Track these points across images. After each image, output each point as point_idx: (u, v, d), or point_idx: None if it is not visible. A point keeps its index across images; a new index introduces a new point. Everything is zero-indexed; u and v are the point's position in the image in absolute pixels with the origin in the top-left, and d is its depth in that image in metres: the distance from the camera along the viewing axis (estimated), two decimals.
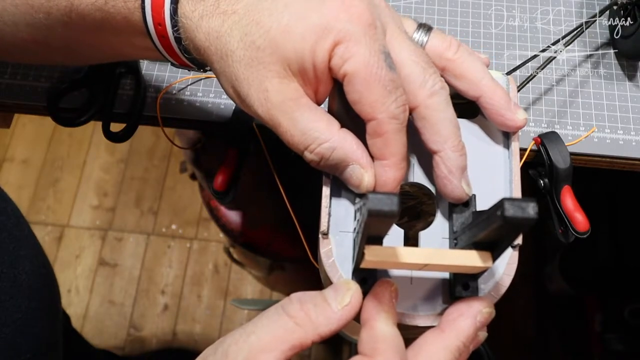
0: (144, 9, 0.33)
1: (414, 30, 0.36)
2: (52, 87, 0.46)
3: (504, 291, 0.33)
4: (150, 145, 1.33)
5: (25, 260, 0.48)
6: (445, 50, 0.35)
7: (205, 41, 0.32)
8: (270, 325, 0.29)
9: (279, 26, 0.30)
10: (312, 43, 0.30)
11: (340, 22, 0.30)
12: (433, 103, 0.32)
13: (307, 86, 0.32)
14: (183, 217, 1.28)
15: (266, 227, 0.82)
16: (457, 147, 0.33)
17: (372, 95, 0.30)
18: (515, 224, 0.25)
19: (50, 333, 0.51)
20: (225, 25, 0.31)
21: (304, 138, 0.31)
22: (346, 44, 0.30)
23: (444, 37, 0.36)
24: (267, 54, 0.30)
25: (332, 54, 0.30)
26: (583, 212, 0.41)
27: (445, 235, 0.35)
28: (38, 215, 1.27)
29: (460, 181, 0.33)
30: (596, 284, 1.03)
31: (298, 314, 0.29)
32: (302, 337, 0.29)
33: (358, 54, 0.30)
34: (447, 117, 0.32)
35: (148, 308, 1.19)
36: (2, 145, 1.34)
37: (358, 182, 0.32)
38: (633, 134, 0.45)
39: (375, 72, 0.30)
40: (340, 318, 0.29)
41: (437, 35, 0.36)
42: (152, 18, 0.33)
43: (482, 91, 0.35)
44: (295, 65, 0.31)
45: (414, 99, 0.32)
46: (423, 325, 0.33)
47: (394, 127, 0.31)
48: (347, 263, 0.34)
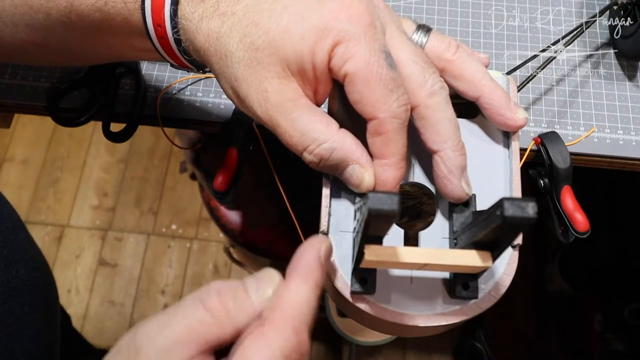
0: (144, 10, 0.33)
1: (413, 31, 0.36)
2: (52, 87, 0.46)
3: (504, 291, 0.33)
4: (150, 145, 1.33)
5: (20, 264, 0.47)
6: (444, 51, 0.35)
7: (205, 42, 0.32)
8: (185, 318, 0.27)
9: (278, 27, 0.30)
10: (312, 44, 0.30)
11: (339, 22, 0.30)
12: (433, 103, 0.32)
13: (306, 87, 0.32)
14: (183, 217, 1.28)
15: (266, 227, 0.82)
16: (457, 147, 0.33)
17: (373, 95, 0.30)
18: (514, 223, 0.25)
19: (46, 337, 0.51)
20: (225, 26, 0.31)
21: (302, 139, 0.31)
22: (346, 44, 0.30)
23: (443, 38, 0.36)
24: (266, 54, 0.30)
25: (332, 55, 0.30)
26: (583, 212, 0.41)
27: (445, 235, 0.35)
28: (38, 215, 1.27)
29: (460, 181, 0.33)
30: (596, 284, 1.03)
31: (215, 306, 0.27)
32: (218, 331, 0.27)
33: (358, 53, 0.30)
34: (446, 117, 0.32)
35: (148, 308, 1.19)
36: (2, 145, 1.34)
37: (358, 181, 0.32)
38: (633, 134, 0.45)
39: (376, 71, 0.30)
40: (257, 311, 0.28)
41: (436, 36, 0.36)
42: (152, 19, 0.33)
43: (482, 91, 0.35)
44: (294, 66, 0.31)
45: (414, 99, 0.32)
46: (423, 325, 0.33)
47: (395, 127, 0.31)
48: (347, 263, 0.34)
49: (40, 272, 0.51)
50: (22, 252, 0.49)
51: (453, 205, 0.35)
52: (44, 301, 0.51)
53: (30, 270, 0.49)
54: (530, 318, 1.15)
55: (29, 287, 0.48)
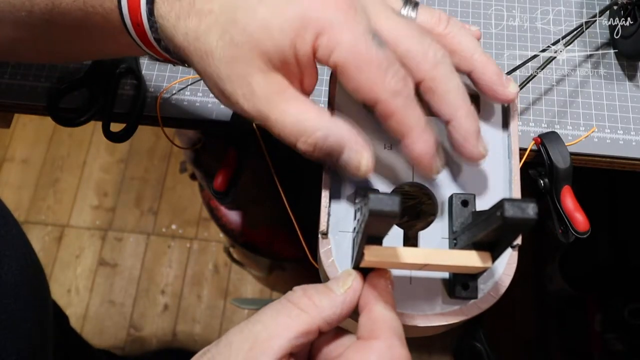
0: (121, 10, 0.33)
1: (401, 7, 0.35)
2: (52, 87, 0.46)
3: (503, 291, 0.33)
4: (150, 145, 1.33)
5: (11, 260, 0.47)
6: (435, 25, 0.34)
7: (184, 41, 0.32)
8: (275, 315, 0.29)
9: (255, 22, 0.30)
10: (292, 37, 0.29)
11: (317, 11, 0.29)
12: (438, 74, 0.31)
13: (291, 78, 0.31)
14: (183, 217, 1.27)
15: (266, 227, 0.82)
16: (469, 113, 0.32)
17: (368, 79, 0.30)
18: (514, 224, 0.25)
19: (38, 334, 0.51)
20: (203, 25, 0.31)
21: (295, 129, 0.31)
22: (328, 34, 0.29)
23: (432, 11, 0.35)
24: (246, 50, 0.30)
25: (315, 47, 0.30)
26: (583, 212, 0.41)
27: (444, 235, 0.35)
28: (38, 215, 1.27)
29: (477, 145, 0.33)
30: (596, 284, 1.03)
31: (301, 300, 0.29)
32: (307, 322, 0.29)
33: (343, 41, 0.29)
34: (454, 86, 0.32)
35: (148, 308, 1.19)
36: (2, 145, 1.34)
37: (357, 165, 0.31)
38: (633, 134, 0.45)
39: (364, 55, 0.29)
40: (343, 301, 0.30)
41: (425, 10, 0.35)
42: (130, 19, 0.33)
43: (474, 66, 0.35)
44: (276, 60, 0.30)
45: (418, 73, 0.31)
46: (422, 325, 0.33)
47: (401, 103, 0.30)
48: (347, 263, 0.34)
49: (32, 270, 0.51)
50: (13, 248, 0.48)
51: (452, 205, 0.35)
52: (36, 299, 0.51)
53: (22, 267, 0.48)
54: (530, 318, 1.15)
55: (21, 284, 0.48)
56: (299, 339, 0.28)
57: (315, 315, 0.29)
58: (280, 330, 0.28)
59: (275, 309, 0.29)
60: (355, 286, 0.30)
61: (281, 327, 0.28)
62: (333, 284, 0.30)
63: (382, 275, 0.31)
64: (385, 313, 0.30)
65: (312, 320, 0.29)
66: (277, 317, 0.29)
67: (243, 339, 0.28)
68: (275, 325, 0.28)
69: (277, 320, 0.29)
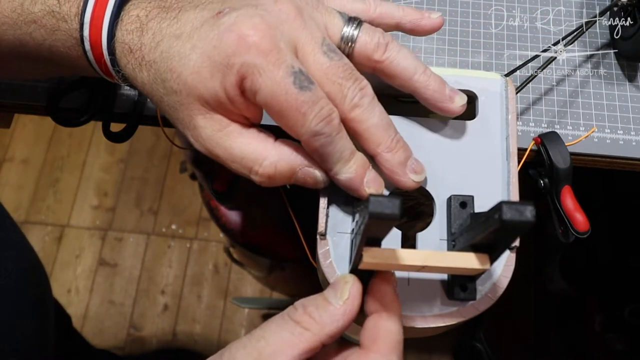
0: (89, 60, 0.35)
1: (344, 25, 0.34)
2: (52, 87, 0.46)
3: (501, 293, 0.33)
4: (150, 145, 1.33)
5: (10, 261, 0.47)
6: (373, 52, 0.34)
7: (143, 90, 0.34)
8: (278, 331, 0.30)
9: (188, 69, 0.31)
10: (221, 80, 0.31)
11: (240, 56, 0.30)
12: (355, 116, 0.32)
13: (231, 115, 0.32)
14: (183, 217, 1.28)
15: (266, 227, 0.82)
16: (391, 147, 0.33)
17: (289, 122, 0.31)
18: (513, 227, 0.25)
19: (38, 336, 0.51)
20: (150, 76, 0.33)
21: (243, 162, 0.32)
22: (250, 78, 0.30)
23: (373, 34, 0.35)
24: (184, 96, 0.32)
25: (242, 89, 0.31)
26: (583, 212, 0.41)
27: (443, 237, 0.35)
28: (38, 215, 1.28)
29: (406, 175, 0.34)
30: (596, 284, 1.03)
31: (302, 318, 0.30)
32: (310, 340, 0.29)
33: (263, 85, 0.30)
34: (372, 124, 0.33)
35: (148, 308, 1.19)
36: (2, 145, 1.34)
37: (313, 180, 0.33)
38: (633, 134, 0.45)
39: (284, 100, 0.30)
40: (344, 313, 0.30)
41: (367, 32, 0.35)
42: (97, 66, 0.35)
43: (415, 87, 0.35)
44: (212, 102, 0.31)
45: (341, 113, 0.32)
46: (421, 326, 0.33)
47: (322, 142, 0.31)
48: (345, 264, 0.34)
49: (31, 269, 0.51)
50: (12, 249, 0.49)
51: (451, 207, 0.35)
52: (35, 299, 0.51)
53: (22, 268, 0.48)
54: (530, 318, 1.15)
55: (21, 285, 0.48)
56: (302, 356, 0.29)
57: (318, 332, 0.29)
58: (285, 347, 0.29)
59: (278, 325, 0.30)
60: (353, 294, 0.30)
61: (285, 344, 0.29)
62: (331, 295, 0.30)
63: (388, 280, 0.31)
64: (389, 325, 0.30)
65: (315, 338, 0.29)
66: (280, 333, 0.29)
67: (247, 354, 0.29)
68: (280, 341, 0.29)
69: (281, 335, 0.29)
